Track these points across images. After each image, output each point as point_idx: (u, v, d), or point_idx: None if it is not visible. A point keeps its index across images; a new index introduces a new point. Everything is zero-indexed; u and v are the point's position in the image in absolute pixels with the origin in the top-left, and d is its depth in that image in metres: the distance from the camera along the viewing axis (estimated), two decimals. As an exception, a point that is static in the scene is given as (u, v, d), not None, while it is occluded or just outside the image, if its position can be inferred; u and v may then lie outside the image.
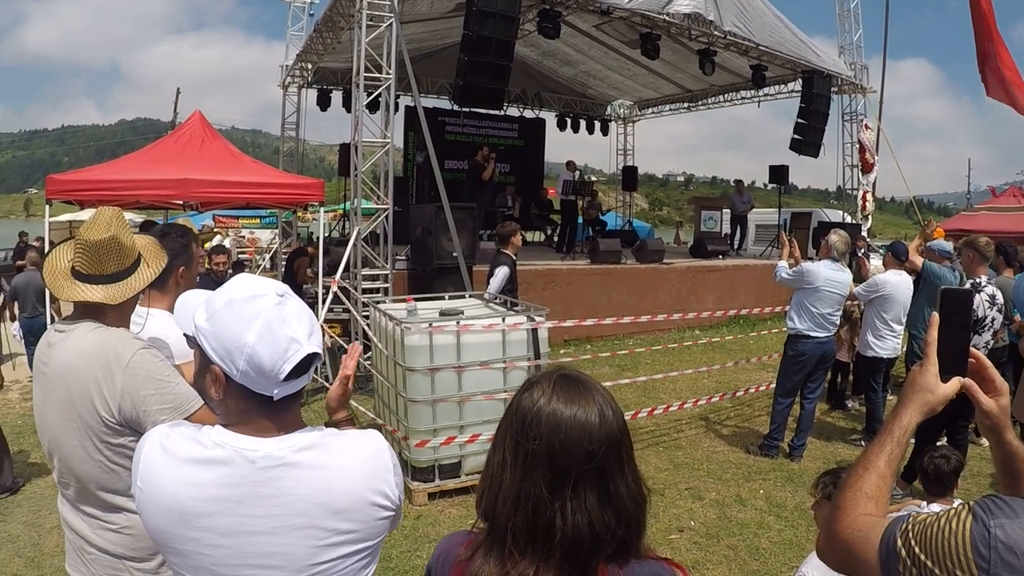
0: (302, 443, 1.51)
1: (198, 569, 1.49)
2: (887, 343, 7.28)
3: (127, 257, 2.37)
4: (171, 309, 3.02)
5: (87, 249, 2.29)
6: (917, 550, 1.18)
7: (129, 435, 2.20)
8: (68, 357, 2.23)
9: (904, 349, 7.76)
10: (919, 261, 7.09)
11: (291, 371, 1.47)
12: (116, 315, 2.36)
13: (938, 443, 5.95)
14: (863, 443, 7.26)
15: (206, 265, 8.32)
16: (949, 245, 7.78)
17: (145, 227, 7.21)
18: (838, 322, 7.06)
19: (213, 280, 7.66)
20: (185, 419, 2.14)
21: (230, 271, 9.48)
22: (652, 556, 1.36)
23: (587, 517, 1.28)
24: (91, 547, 2.27)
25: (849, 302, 7.45)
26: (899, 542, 1.21)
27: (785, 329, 7.04)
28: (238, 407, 1.52)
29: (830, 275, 6.68)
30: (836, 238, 6.80)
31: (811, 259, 7.22)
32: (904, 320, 7.32)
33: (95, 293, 2.30)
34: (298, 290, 10.17)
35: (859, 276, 8.32)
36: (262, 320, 1.46)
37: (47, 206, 8.93)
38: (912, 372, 1.44)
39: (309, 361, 1.50)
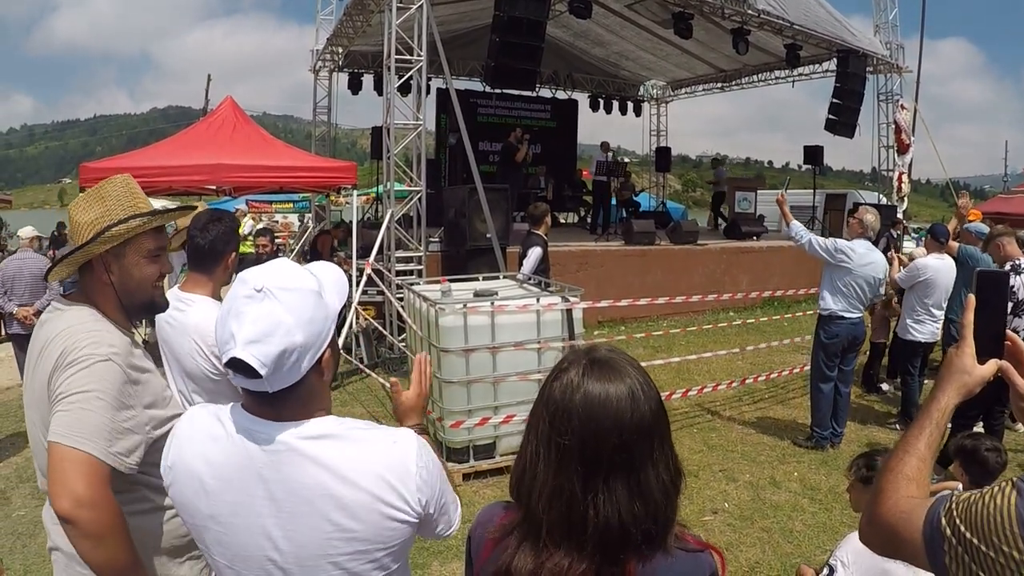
0: (311, 432, 1.48)
1: (217, 544, 1.54)
2: (926, 327, 7.18)
3: (77, 233, 2.06)
4: (216, 295, 3.03)
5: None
6: (962, 528, 1.18)
7: None
8: (43, 342, 2.01)
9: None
10: (954, 245, 6.98)
11: (234, 368, 1.41)
12: (99, 303, 2.10)
13: (974, 428, 5.89)
14: (898, 427, 7.23)
15: (252, 248, 8.40)
16: (985, 227, 7.70)
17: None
18: (866, 304, 6.87)
19: (257, 263, 7.73)
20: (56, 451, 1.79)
21: (279, 253, 9.55)
22: (684, 546, 1.35)
23: (617, 509, 1.27)
24: (52, 544, 2.09)
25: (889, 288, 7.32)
26: (943, 521, 1.21)
27: (818, 310, 6.90)
28: (242, 390, 1.52)
29: (865, 253, 6.48)
30: (872, 217, 6.57)
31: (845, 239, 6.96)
32: (945, 305, 7.20)
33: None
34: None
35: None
36: (227, 306, 1.45)
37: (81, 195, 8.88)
38: (949, 354, 1.44)
39: (248, 368, 1.38)
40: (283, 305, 1.41)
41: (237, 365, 1.39)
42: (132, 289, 2.14)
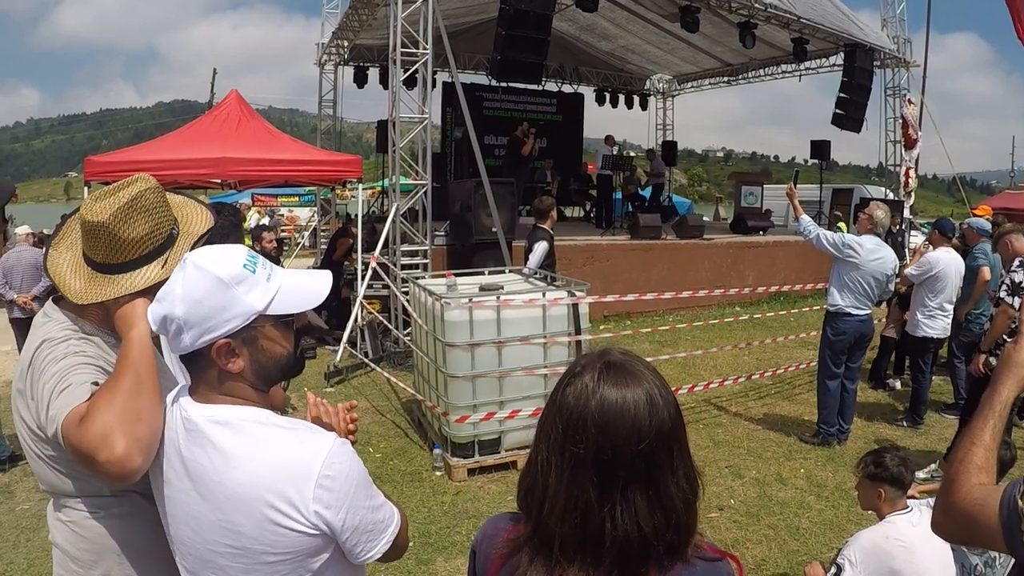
0: (218, 416, 1.49)
1: (164, 514, 1.61)
2: (937, 323, 7.15)
3: (121, 250, 1.88)
4: None
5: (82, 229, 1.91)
6: None
7: (61, 449, 1.77)
8: (29, 347, 1.89)
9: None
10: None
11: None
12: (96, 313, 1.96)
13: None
14: (905, 424, 7.19)
15: (261, 245, 8.43)
16: (987, 223, 7.67)
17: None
18: (874, 300, 6.81)
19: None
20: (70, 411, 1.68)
21: (283, 246, 9.58)
22: (702, 554, 1.29)
23: (636, 521, 1.21)
24: (53, 538, 2.01)
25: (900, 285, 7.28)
26: (1020, 503, 1.30)
27: (826, 306, 6.84)
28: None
29: (874, 249, 6.41)
30: (882, 213, 6.49)
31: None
32: (955, 300, 7.16)
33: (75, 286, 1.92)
34: (333, 268, 10.24)
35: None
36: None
37: (86, 188, 8.73)
38: (1007, 349, 1.55)
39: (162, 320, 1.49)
40: (184, 278, 1.49)
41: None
42: None
